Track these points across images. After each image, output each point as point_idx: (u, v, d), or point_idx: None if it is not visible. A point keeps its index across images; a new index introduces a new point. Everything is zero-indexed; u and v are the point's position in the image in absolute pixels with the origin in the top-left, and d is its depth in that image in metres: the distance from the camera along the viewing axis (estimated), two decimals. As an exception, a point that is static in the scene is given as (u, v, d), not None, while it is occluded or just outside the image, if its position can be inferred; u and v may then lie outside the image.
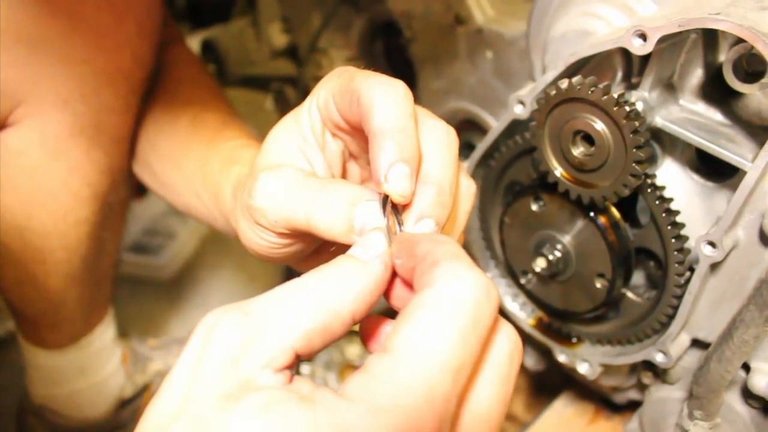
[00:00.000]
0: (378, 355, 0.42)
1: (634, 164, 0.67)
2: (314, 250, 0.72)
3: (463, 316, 0.42)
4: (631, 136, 0.66)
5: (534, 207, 0.84)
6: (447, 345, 0.41)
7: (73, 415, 1.19)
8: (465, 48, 1.22)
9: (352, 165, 0.70)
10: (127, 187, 1.09)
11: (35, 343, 1.12)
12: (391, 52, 1.53)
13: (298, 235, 0.63)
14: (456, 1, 1.20)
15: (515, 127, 0.87)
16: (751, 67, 0.71)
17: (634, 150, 0.67)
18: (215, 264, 1.86)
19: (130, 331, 1.39)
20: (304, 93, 1.55)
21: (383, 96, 0.54)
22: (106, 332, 1.19)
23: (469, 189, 0.63)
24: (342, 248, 0.55)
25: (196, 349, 0.43)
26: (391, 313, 0.52)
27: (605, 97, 0.66)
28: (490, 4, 1.18)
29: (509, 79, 1.18)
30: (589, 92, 0.67)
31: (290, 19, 1.48)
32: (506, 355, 0.46)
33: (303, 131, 0.64)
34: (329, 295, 0.47)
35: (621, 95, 0.66)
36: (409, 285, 0.51)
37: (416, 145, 0.55)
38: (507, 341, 0.46)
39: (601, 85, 0.66)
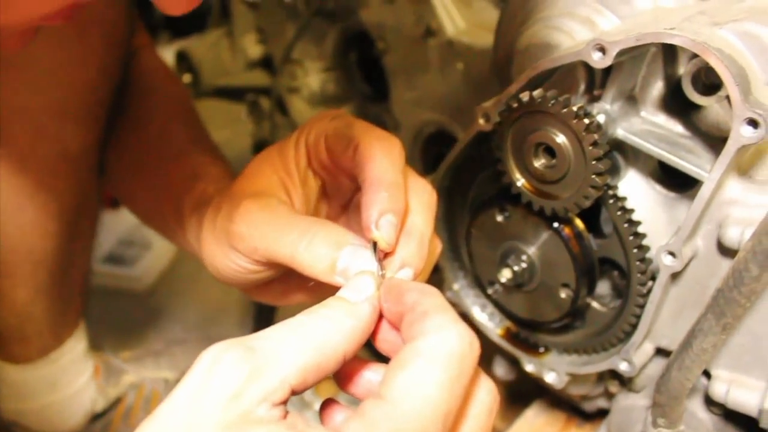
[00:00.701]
0: (374, 400, 0.46)
1: (593, 176, 0.68)
2: (277, 278, 0.73)
3: (452, 367, 0.46)
4: (590, 148, 0.67)
5: (499, 218, 0.85)
6: (439, 393, 0.45)
7: (44, 429, 1.18)
8: (436, 59, 1.23)
9: (321, 203, 0.73)
10: (96, 200, 1.08)
11: (4, 357, 1.11)
12: (364, 63, 1.54)
13: (272, 265, 0.65)
14: (427, 13, 1.21)
15: (481, 138, 0.87)
16: (709, 80, 0.72)
17: (594, 162, 0.68)
18: (191, 275, 1.85)
19: (104, 344, 1.38)
20: (278, 103, 1.56)
21: (382, 149, 0.60)
22: (77, 346, 1.18)
23: (437, 247, 0.71)
24: (322, 284, 0.60)
25: (199, 378, 0.46)
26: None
27: (565, 109, 0.67)
28: (461, 16, 1.19)
29: (480, 90, 1.19)
30: (550, 105, 0.68)
31: (265, 30, 1.49)
32: (487, 409, 0.51)
33: (287, 165, 0.67)
34: (324, 335, 0.50)
35: (581, 108, 0.67)
36: (395, 328, 0.54)
37: (405, 199, 0.60)
38: (488, 396, 0.51)
39: (561, 98, 0.67)
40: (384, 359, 0.54)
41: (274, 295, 0.75)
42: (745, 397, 0.72)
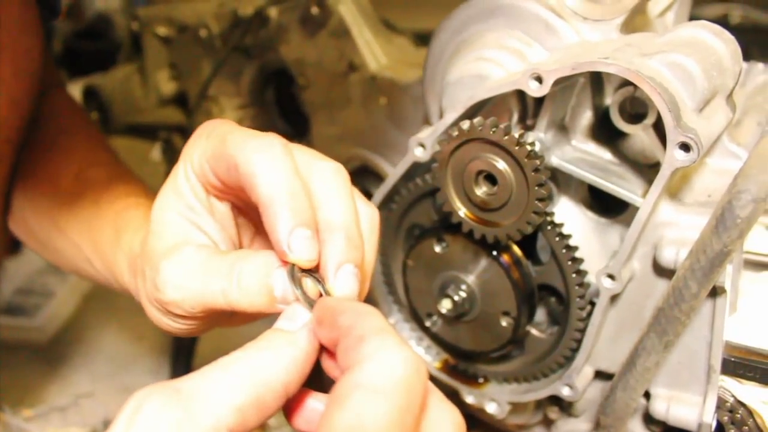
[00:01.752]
0: None
1: (536, 201, 0.69)
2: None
3: (398, 397, 0.41)
4: (532, 174, 0.68)
5: (437, 248, 0.84)
6: (383, 429, 0.40)
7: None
8: (359, 95, 1.23)
9: (242, 221, 0.68)
10: (-1, 243, 1.00)
11: None
12: (282, 100, 1.53)
13: (218, 313, 0.62)
14: (349, 49, 1.21)
15: (414, 170, 0.87)
16: (634, 109, 0.76)
17: (536, 188, 0.69)
18: (99, 323, 1.75)
19: (3, 402, 1.27)
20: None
21: (263, 161, 0.53)
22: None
23: (372, 218, 0.62)
24: None
25: (121, 430, 0.41)
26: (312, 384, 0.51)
27: (506, 136, 0.68)
28: (383, 52, 1.20)
29: (403, 125, 1.20)
30: (491, 132, 0.69)
31: (179, 66, 1.44)
32: None
33: (187, 201, 0.62)
34: (259, 367, 0.45)
35: (521, 135, 0.68)
36: (332, 356, 0.49)
37: (309, 204, 0.54)
38: (449, 425, 0.46)
39: (502, 125, 0.68)
40: None
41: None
42: (685, 412, 0.74)
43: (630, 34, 0.79)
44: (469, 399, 0.91)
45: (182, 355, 1.44)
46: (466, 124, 0.71)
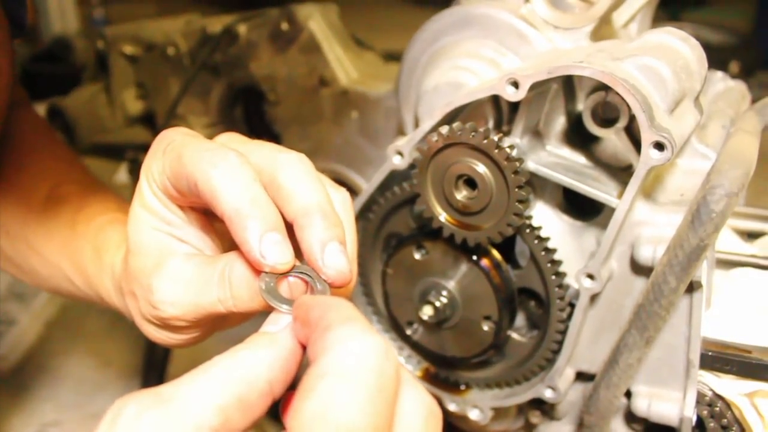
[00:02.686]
0: None
1: (516, 203, 0.71)
2: None
3: (368, 382, 0.40)
4: (512, 176, 0.69)
5: (417, 255, 0.85)
6: (358, 416, 0.39)
7: None
8: (330, 109, 1.24)
9: (220, 225, 0.67)
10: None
11: None
12: (251, 118, 1.53)
13: (217, 318, 0.63)
14: (320, 64, 1.22)
15: (390, 180, 0.88)
16: (606, 114, 0.78)
17: (516, 189, 0.70)
18: (64, 350, 1.70)
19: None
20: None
21: (220, 175, 0.52)
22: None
23: (344, 200, 0.61)
24: None
25: None
26: None
27: (486, 140, 0.69)
28: (354, 67, 1.22)
29: (375, 137, 1.21)
30: (471, 136, 0.70)
31: (146, 85, 1.43)
32: (420, 424, 0.45)
33: (160, 215, 0.61)
34: (240, 366, 0.45)
35: (500, 138, 0.69)
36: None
37: (273, 209, 0.53)
38: (421, 408, 0.45)
39: (481, 129, 0.69)
40: None
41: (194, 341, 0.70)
42: (666, 408, 0.75)
43: (598, 42, 0.81)
44: (452, 407, 0.91)
45: (152, 379, 1.41)
46: (445, 129, 0.72)
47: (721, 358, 0.74)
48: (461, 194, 0.74)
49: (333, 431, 0.38)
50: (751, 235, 1.02)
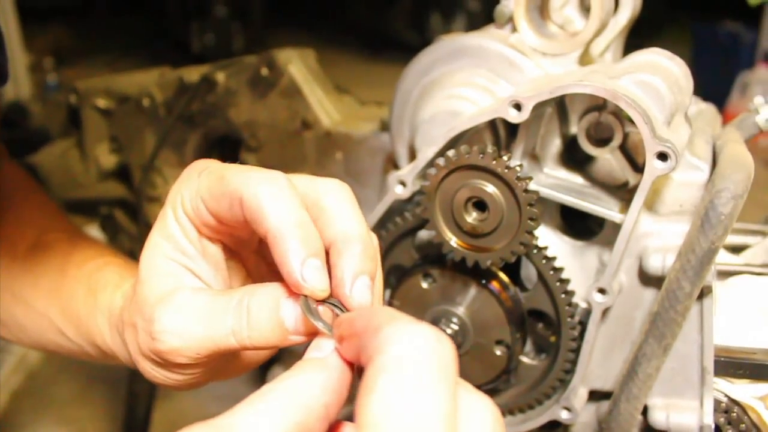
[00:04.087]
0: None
1: (528, 221, 0.72)
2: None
3: (430, 368, 0.39)
4: (523, 194, 0.71)
5: (424, 284, 0.85)
6: (419, 402, 0.38)
7: None
8: (314, 152, 1.25)
9: (233, 264, 0.67)
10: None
11: None
12: (227, 168, 1.52)
13: (221, 357, 0.60)
14: (301, 108, 1.23)
15: (388, 214, 0.88)
16: (599, 135, 0.81)
17: (528, 207, 0.71)
18: (32, 420, 1.63)
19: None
20: (137, 216, 1.47)
21: (269, 194, 0.53)
22: None
23: (375, 239, 0.61)
24: None
25: None
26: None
27: (495, 161, 0.71)
28: (335, 108, 1.23)
29: (360, 178, 1.21)
30: (480, 158, 0.71)
31: (119, 139, 1.42)
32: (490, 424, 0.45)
33: (178, 244, 0.60)
34: (297, 392, 0.44)
35: (509, 158, 0.71)
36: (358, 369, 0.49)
37: (317, 234, 0.53)
38: (486, 411, 0.45)
39: (489, 150, 0.71)
40: None
41: (194, 384, 0.68)
42: (685, 418, 0.76)
43: (586, 66, 0.84)
44: (464, 438, 0.90)
45: (136, 425, 1.36)
46: (452, 153, 0.73)
47: (734, 363, 0.75)
48: (471, 217, 0.75)
49: (402, 420, 0.37)
50: (735, 249, 1.05)
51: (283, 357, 1.22)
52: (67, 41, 5.47)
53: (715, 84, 3.50)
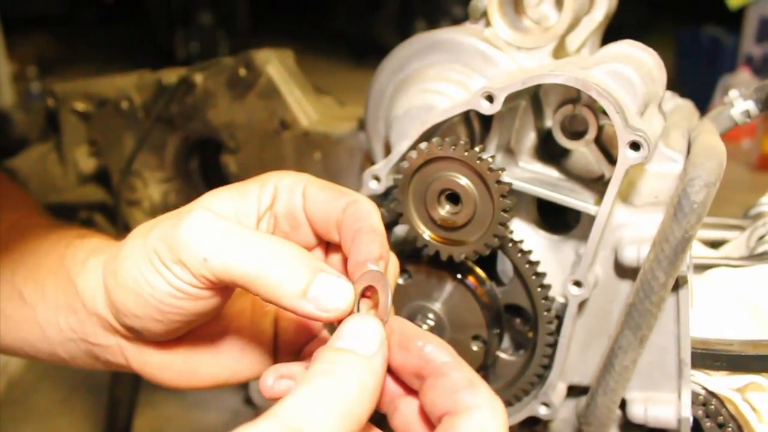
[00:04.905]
0: None
1: (501, 212, 0.71)
2: (182, 354, 0.66)
3: None
4: (496, 185, 0.70)
5: (400, 280, 0.84)
6: None
7: None
8: (292, 152, 1.24)
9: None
10: None
11: None
12: (207, 170, 1.51)
13: (217, 289, 0.58)
14: (280, 108, 1.23)
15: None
16: (573, 128, 0.80)
17: (501, 199, 0.70)
18: (12, 429, 1.60)
19: None
20: (117, 219, 1.45)
21: (372, 206, 0.60)
22: None
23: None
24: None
25: None
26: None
27: (467, 152, 0.70)
28: (314, 108, 1.22)
29: (339, 177, 1.21)
30: (452, 150, 0.70)
31: (98, 142, 1.40)
32: None
33: (247, 199, 0.62)
34: (351, 399, 0.47)
35: (481, 150, 0.70)
36: (398, 379, 0.55)
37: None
38: None
39: (461, 142, 0.70)
40: None
41: (176, 374, 0.66)
42: (663, 411, 0.75)
43: (560, 59, 0.84)
44: (443, 436, 0.89)
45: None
46: (425, 146, 0.72)
47: (711, 355, 0.75)
48: (444, 210, 0.74)
49: None
50: (714, 245, 1.05)
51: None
52: (52, 50, 5.45)
53: (697, 87, 3.52)
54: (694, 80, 3.98)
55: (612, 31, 1.00)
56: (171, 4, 5.35)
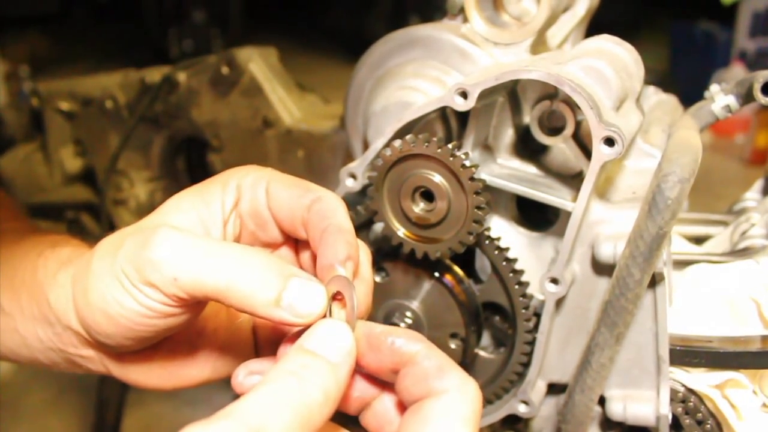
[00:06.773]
0: None
1: (475, 209, 0.70)
2: (159, 356, 0.66)
3: (474, 424, 0.50)
4: (469, 182, 0.69)
5: (377, 278, 0.83)
6: None
7: None
8: (275, 150, 1.23)
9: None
10: None
11: None
12: (193, 169, 1.50)
13: (188, 305, 0.57)
14: (263, 106, 1.22)
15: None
16: (551, 124, 0.80)
17: (474, 196, 0.70)
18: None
19: None
20: (103, 219, 1.45)
21: (338, 202, 0.61)
22: None
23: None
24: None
25: None
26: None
27: (440, 149, 0.69)
28: (297, 106, 1.22)
29: (322, 175, 1.20)
30: (425, 147, 0.70)
31: (84, 142, 1.40)
32: None
33: (210, 204, 0.61)
34: (310, 402, 0.47)
35: (455, 146, 0.70)
36: (371, 379, 0.56)
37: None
38: None
39: (435, 139, 0.70)
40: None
41: (158, 378, 0.66)
42: (641, 409, 0.75)
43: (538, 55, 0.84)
44: (424, 435, 0.88)
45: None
46: (398, 143, 0.72)
47: (690, 352, 0.74)
48: (419, 207, 0.74)
49: None
50: (699, 240, 1.05)
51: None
52: (45, 49, 5.43)
53: (691, 82, 3.51)
54: (689, 74, 3.97)
55: (606, 27, 0.99)
56: (164, 3, 5.34)
